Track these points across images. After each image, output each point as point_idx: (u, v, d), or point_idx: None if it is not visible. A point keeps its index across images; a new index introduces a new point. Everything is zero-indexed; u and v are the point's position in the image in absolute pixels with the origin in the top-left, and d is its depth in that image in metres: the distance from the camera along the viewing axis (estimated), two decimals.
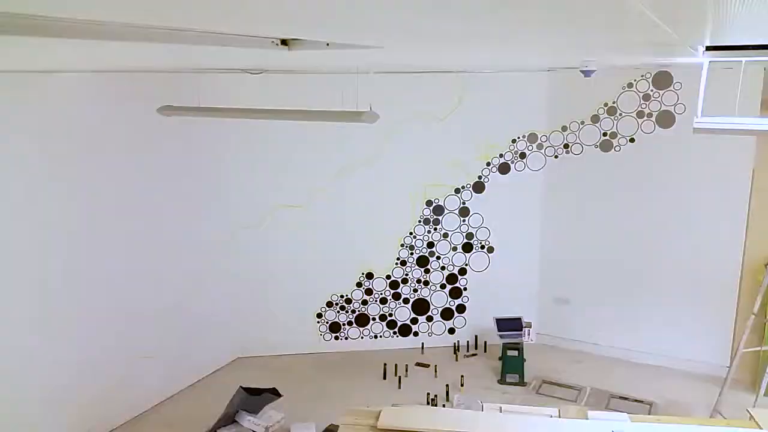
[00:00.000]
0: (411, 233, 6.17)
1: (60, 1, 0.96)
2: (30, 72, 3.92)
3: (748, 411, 3.58)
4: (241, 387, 4.76)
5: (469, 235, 6.26)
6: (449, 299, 6.39)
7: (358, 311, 6.31)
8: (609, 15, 1.28)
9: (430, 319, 6.42)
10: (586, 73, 5.18)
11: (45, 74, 4.07)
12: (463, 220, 6.22)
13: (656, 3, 1.10)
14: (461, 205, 6.17)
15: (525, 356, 5.62)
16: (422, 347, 6.35)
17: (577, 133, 5.94)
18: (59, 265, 4.34)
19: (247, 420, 4.73)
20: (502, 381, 5.59)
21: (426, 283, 6.33)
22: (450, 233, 6.23)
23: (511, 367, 5.59)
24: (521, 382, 5.56)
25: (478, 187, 6.14)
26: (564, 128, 5.99)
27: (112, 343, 4.82)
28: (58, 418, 4.42)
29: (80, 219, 4.46)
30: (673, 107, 5.52)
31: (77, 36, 1.29)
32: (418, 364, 5.99)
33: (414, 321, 6.40)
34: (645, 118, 5.64)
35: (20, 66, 3.26)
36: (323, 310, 6.26)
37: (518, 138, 6.09)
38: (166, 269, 5.18)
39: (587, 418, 3.42)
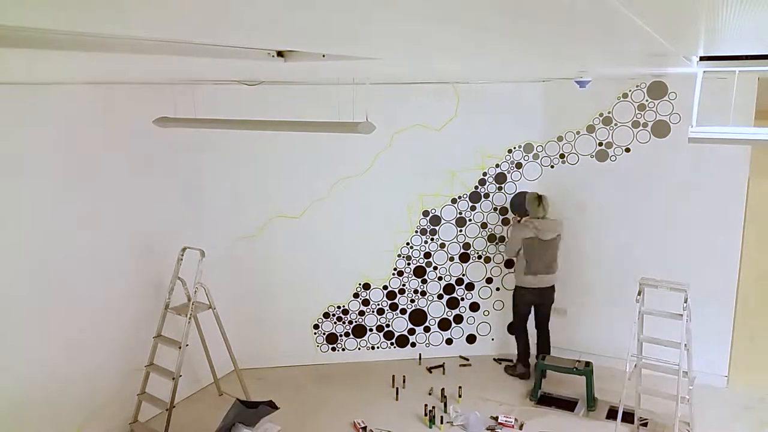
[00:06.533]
0: (408, 243, 6.17)
1: (55, 14, 0.97)
2: (26, 84, 3.93)
3: None
4: (237, 399, 4.74)
5: (466, 245, 6.26)
6: (446, 309, 6.38)
7: (355, 322, 6.29)
8: (602, 27, 1.29)
9: (427, 329, 6.40)
10: (581, 84, 5.22)
11: (41, 86, 4.07)
12: (460, 230, 6.22)
13: (650, 15, 1.11)
14: (458, 215, 6.18)
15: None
16: (419, 358, 6.33)
17: (572, 143, 5.96)
18: (59, 276, 4.33)
19: None
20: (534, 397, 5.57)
21: (423, 293, 6.32)
22: (447, 243, 6.23)
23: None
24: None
25: (475, 197, 6.14)
26: (560, 138, 6.01)
27: (110, 354, 4.80)
28: (52, 427, 4.39)
29: (77, 227, 4.45)
30: (668, 117, 5.55)
31: (72, 48, 1.29)
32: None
33: (411, 332, 6.39)
34: (640, 128, 5.66)
35: (17, 78, 3.27)
36: (320, 321, 6.24)
37: (514, 148, 6.11)
38: (161, 281, 5.17)
39: None
